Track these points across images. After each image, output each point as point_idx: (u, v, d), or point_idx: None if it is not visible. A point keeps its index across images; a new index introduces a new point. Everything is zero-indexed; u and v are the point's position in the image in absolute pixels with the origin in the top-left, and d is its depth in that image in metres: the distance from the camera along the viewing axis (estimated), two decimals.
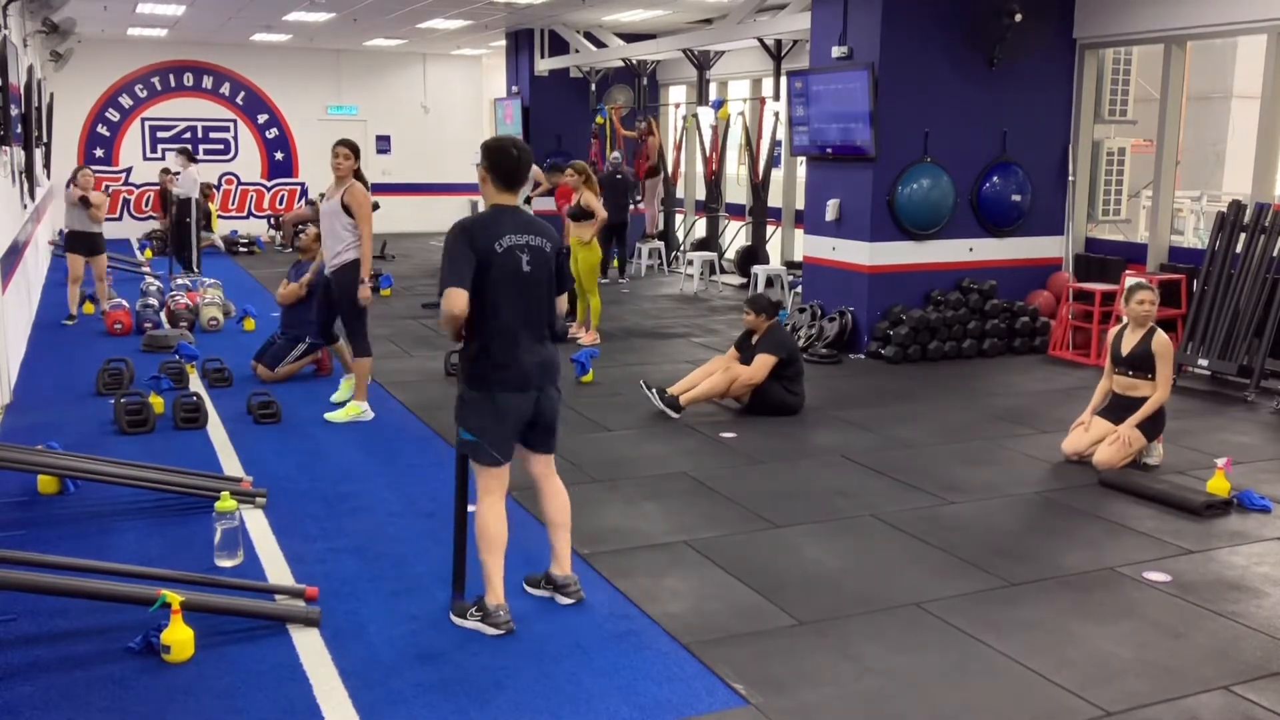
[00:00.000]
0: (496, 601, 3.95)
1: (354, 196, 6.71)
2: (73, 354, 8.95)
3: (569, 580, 4.24)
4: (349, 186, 6.75)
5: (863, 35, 9.08)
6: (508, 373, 3.94)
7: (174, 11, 14.07)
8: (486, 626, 3.94)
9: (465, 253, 3.84)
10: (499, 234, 3.90)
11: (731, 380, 7.12)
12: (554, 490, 4.29)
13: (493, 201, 4.03)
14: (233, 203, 19.29)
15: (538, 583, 4.32)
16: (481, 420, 3.95)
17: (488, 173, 4.01)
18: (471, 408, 3.97)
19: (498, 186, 4.02)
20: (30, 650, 3.78)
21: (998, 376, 8.58)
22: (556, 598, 4.24)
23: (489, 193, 4.05)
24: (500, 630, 3.91)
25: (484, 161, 4.00)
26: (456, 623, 3.99)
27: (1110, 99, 10.13)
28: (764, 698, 3.50)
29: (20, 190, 10.25)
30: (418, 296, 12.26)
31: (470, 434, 3.96)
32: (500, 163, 4.00)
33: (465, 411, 3.98)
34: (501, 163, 4.00)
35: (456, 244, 3.86)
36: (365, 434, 6.68)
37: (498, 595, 3.95)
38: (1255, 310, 8.00)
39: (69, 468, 5.19)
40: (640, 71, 15.41)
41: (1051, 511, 5.43)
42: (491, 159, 4.00)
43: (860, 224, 9.28)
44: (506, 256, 3.89)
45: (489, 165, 4.00)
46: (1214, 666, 3.77)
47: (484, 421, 3.95)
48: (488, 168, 4.00)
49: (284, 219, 17.88)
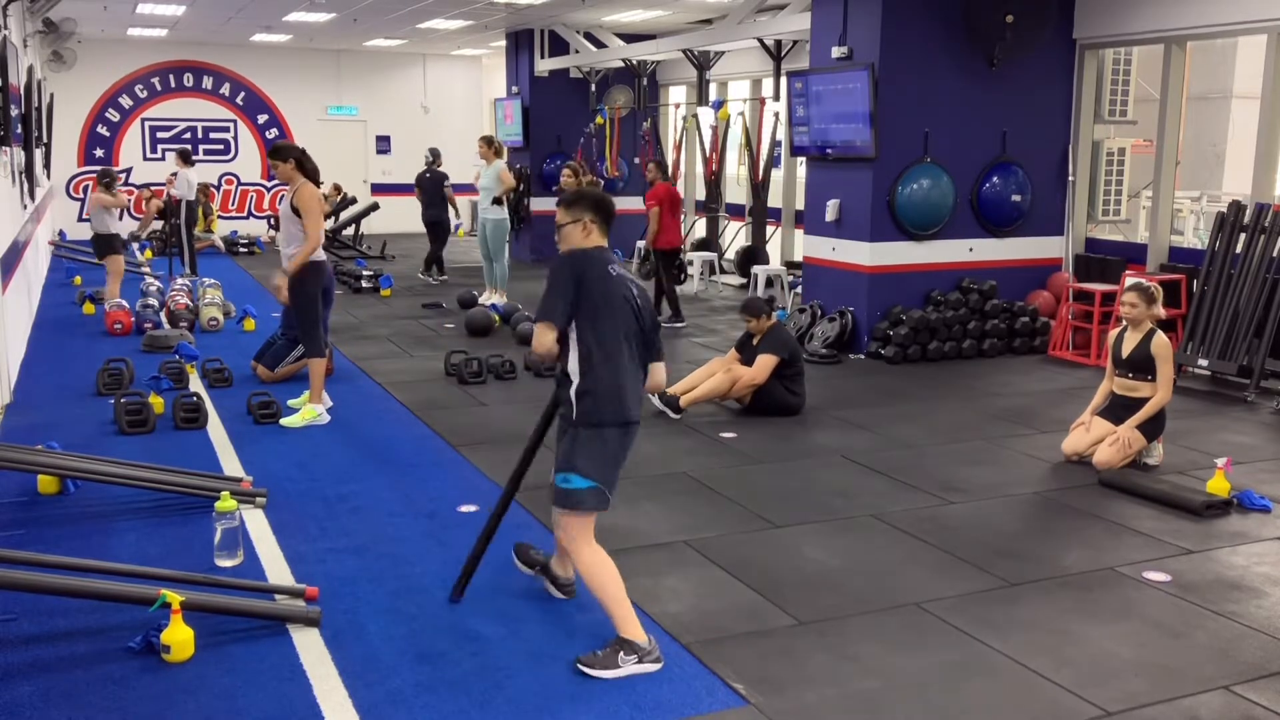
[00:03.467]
0: (644, 636, 3.70)
1: (300, 198, 6.67)
2: (73, 354, 8.95)
3: (571, 581, 4.24)
4: (298, 188, 6.73)
5: (863, 35, 9.09)
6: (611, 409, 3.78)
7: (174, 11, 14.08)
8: (650, 667, 3.64)
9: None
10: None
11: (733, 381, 7.12)
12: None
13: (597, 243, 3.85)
14: (233, 203, 19.31)
15: (534, 564, 4.28)
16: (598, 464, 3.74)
17: (594, 223, 3.80)
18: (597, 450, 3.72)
19: (604, 233, 3.86)
20: (30, 650, 3.78)
21: (998, 376, 8.58)
22: (549, 588, 4.24)
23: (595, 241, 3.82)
24: (661, 663, 3.67)
25: (587, 214, 3.79)
26: (602, 675, 3.59)
27: (1110, 99, 10.14)
28: (764, 698, 3.50)
29: (20, 190, 10.25)
30: (418, 296, 12.26)
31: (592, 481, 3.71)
32: (605, 207, 3.86)
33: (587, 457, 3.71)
34: (605, 207, 3.87)
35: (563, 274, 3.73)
36: (365, 434, 6.68)
37: (640, 630, 3.71)
38: (1255, 310, 8.00)
39: (69, 468, 5.19)
40: (640, 72, 15.42)
41: (1051, 511, 5.43)
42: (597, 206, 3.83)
43: (860, 224, 9.29)
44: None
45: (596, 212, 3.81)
46: (1214, 666, 3.77)
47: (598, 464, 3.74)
48: (594, 218, 3.81)
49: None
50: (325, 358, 6.94)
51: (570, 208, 3.84)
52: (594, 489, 3.71)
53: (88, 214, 10.47)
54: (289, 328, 8.07)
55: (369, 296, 12.45)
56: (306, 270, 6.71)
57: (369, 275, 12.91)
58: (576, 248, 3.82)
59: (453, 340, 9.64)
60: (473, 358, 8.16)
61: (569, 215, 3.84)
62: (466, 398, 7.61)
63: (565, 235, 3.85)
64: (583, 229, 3.82)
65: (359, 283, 12.81)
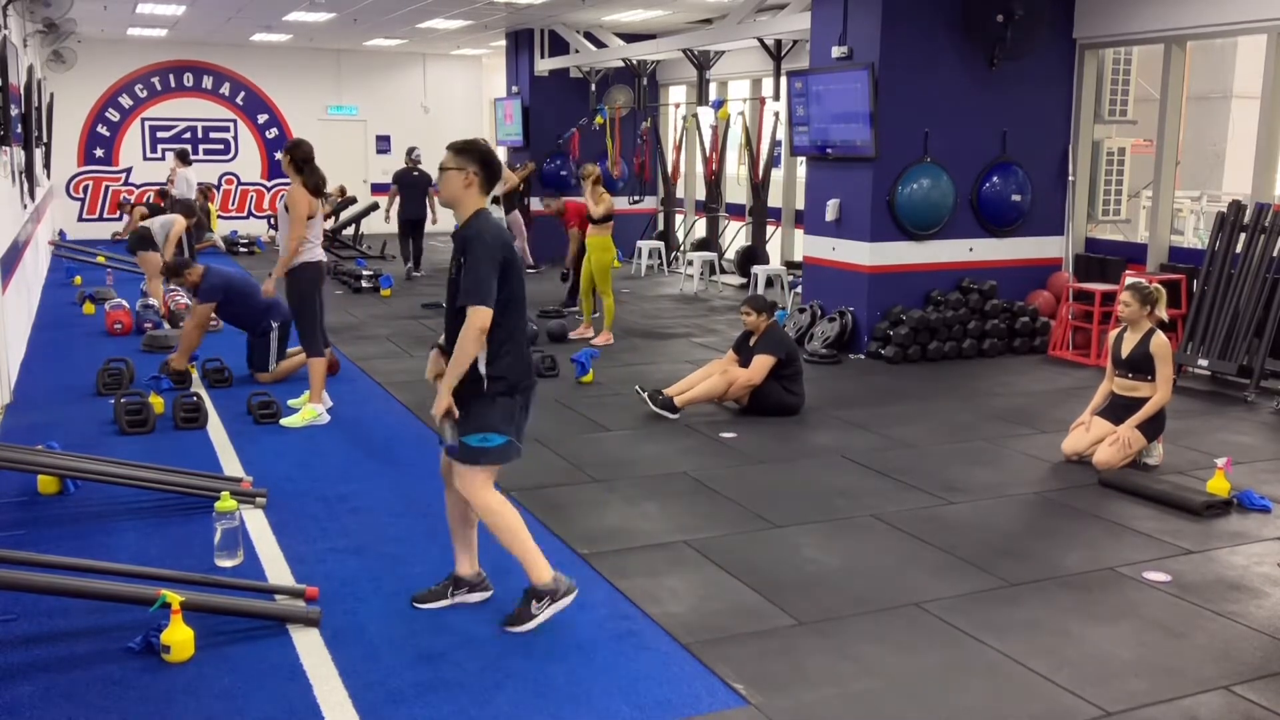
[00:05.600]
0: (551, 574, 3.95)
1: (290, 197, 6.68)
2: (73, 354, 8.95)
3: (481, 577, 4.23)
4: (290, 188, 6.73)
5: (863, 35, 9.09)
6: (530, 375, 3.97)
7: (174, 11, 14.08)
8: (564, 602, 3.95)
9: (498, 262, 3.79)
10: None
11: (730, 383, 7.12)
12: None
13: (477, 206, 3.91)
14: (233, 203, 19.31)
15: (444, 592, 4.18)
16: (513, 421, 3.91)
17: (477, 176, 3.88)
18: (508, 413, 3.88)
19: (484, 190, 3.93)
20: (30, 650, 3.78)
21: (998, 376, 8.58)
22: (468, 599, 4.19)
23: (474, 197, 3.90)
24: (574, 593, 3.96)
25: (472, 165, 3.87)
26: (524, 629, 3.91)
27: (1110, 99, 10.14)
28: (764, 698, 3.50)
29: (20, 190, 10.25)
30: (417, 296, 12.26)
31: (503, 436, 3.88)
32: (492, 164, 3.94)
33: (495, 416, 3.86)
34: (492, 165, 3.94)
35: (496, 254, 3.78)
36: (365, 434, 6.68)
37: (548, 569, 3.96)
38: (1255, 310, 8.00)
39: (69, 468, 5.19)
40: (640, 71, 15.42)
41: (1051, 511, 5.43)
42: (484, 161, 3.91)
43: (860, 224, 9.29)
44: (517, 259, 3.91)
45: (482, 167, 3.89)
46: (1214, 666, 3.77)
47: (515, 421, 3.92)
48: (479, 171, 3.89)
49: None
50: (325, 357, 6.94)
51: (458, 154, 3.90)
52: (509, 443, 3.90)
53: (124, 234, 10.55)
54: (250, 328, 8.03)
55: (369, 296, 12.45)
56: (303, 270, 6.70)
57: (369, 275, 12.91)
58: (460, 201, 3.88)
59: None
60: None
61: (455, 161, 3.89)
62: None
63: (447, 180, 3.89)
64: (465, 179, 3.87)
65: (359, 283, 12.80)
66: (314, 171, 6.73)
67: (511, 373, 3.87)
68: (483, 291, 3.74)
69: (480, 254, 3.76)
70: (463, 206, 3.90)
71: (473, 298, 3.74)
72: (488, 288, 3.74)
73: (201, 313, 7.84)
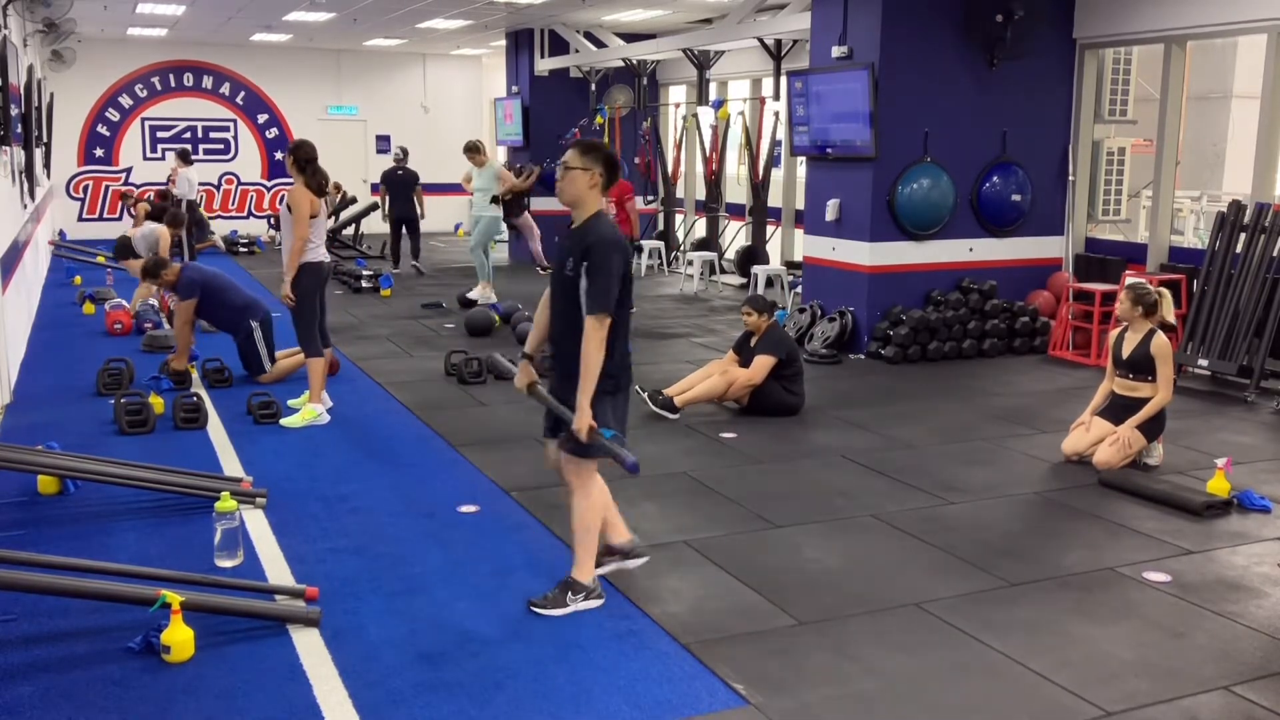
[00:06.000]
0: (593, 578, 4.17)
1: (291, 196, 6.67)
2: (73, 354, 8.95)
3: (632, 543, 4.43)
4: (291, 188, 6.73)
5: (863, 35, 9.09)
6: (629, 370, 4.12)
7: (174, 11, 14.08)
8: (594, 603, 4.12)
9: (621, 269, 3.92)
10: None
11: (729, 383, 7.12)
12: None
13: (597, 206, 3.99)
14: (233, 203, 19.31)
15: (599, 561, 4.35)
16: (621, 417, 4.06)
17: (601, 177, 3.94)
18: (612, 410, 4.01)
19: (604, 192, 4.00)
20: (30, 650, 3.78)
21: (998, 376, 8.58)
22: (624, 566, 4.40)
23: (596, 197, 3.97)
24: (603, 599, 4.16)
25: (598, 166, 3.92)
26: (554, 614, 4.05)
27: (1110, 99, 10.14)
28: (764, 698, 3.50)
29: (20, 190, 10.25)
30: (418, 296, 12.26)
31: (612, 430, 3.98)
32: (615, 166, 4.00)
33: (606, 411, 3.97)
34: (615, 166, 4.01)
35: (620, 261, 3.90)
36: (365, 434, 6.68)
37: (593, 573, 4.18)
38: (1255, 310, 8.00)
39: (69, 468, 5.19)
40: (640, 71, 15.41)
41: (1051, 511, 5.43)
42: (608, 162, 3.96)
43: (860, 224, 9.29)
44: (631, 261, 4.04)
45: (606, 168, 3.94)
46: (1214, 666, 3.77)
47: (620, 414, 4.07)
48: (604, 172, 3.94)
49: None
50: (324, 357, 6.94)
51: (585, 154, 3.94)
52: (617, 436, 4.01)
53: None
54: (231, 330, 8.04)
55: (369, 296, 12.45)
56: (304, 270, 6.70)
57: (369, 275, 12.90)
58: (582, 200, 3.94)
59: (453, 340, 9.64)
60: (473, 358, 8.16)
61: (581, 162, 3.93)
62: (466, 398, 7.61)
63: (572, 180, 3.94)
64: (590, 179, 3.93)
65: (359, 283, 12.80)
66: (317, 171, 6.73)
67: (619, 370, 4.01)
68: (609, 301, 3.85)
69: (608, 261, 3.85)
70: (585, 206, 3.97)
71: (599, 307, 3.84)
72: (612, 297, 3.86)
73: (185, 309, 7.86)
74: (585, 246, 3.87)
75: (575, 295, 3.90)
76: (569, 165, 3.93)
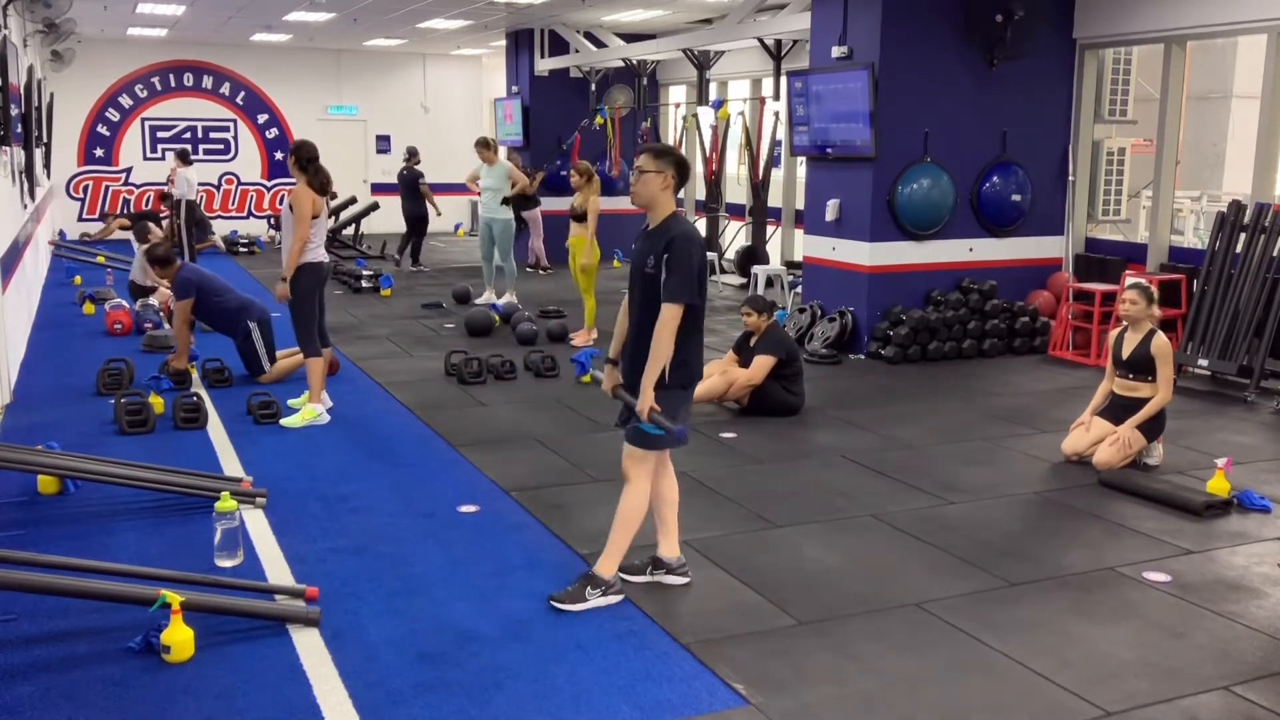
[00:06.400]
0: (616, 572, 4.22)
1: (294, 196, 6.68)
2: (73, 354, 8.95)
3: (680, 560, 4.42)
4: (293, 188, 6.73)
5: (863, 35, 9.09)
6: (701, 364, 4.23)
7: (174, 11, 14.08)
8: (612, 599, 4.16)
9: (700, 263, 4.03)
10: None
11: (730, 383, 7.12)
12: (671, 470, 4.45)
13: (671, 206, 4.11)
14: (233, 203, 19.31)
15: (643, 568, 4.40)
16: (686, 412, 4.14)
17: (674, 179, 4.07)
18: (683, 404, 4.12)
19: (676, 192, 4.13)
20: (30, 650, 3.78)
21: (998, 376, 8.58)
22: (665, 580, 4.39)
23: (669, 198, 4.10)
24: (622, 596, 4.19)
25: (670, 168, 4.05)
26: (574, 609, 4.08)
27: (1110, 99, 10.13)
28: (764, 698, 3.50)
29: (20, 190, 10.25)
30: (418, 296, 12.26)
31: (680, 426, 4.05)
32: (685, 168, 4.12)
33: (672, 406, 4.05)
34: (685, 168, 4.13)
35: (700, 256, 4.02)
36: (365, 434, 6.68)
37: (616, 568, 4.23)
38: (1255, 310, 8.00)
39: (69, 468, 5.19)
40: (640, 71, 15.41)
41: (1051, 511, 5.43)
42: (679, 164, 4.09)
43: (860, 224, 9.29)
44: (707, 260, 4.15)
45: (677, 170, 4.07)
46: (1214, 666, 3.77)
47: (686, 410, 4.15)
48: (675, 174, 4.07)
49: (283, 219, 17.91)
50: (323, 357, 6.94)
51: (658, 158, 4.08)
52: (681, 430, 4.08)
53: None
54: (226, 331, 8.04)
55: (369, 296, 12.45)
56: (303, 270, 6.70)
57: (369, 275, 12.91)
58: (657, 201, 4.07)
59: (453, 340, 9.64)
60: (473, 358, 8.16)
61: (655, 164, 4.06)
62: (466, 398, 7.61)
63: (646, 182, 4.06)
64: (663, 181, 4.05)
65: (359, 283, 12.80)
66: (318, 171, 6.73)
67: (693, 366, 4.12)
68: (689, 290, 3.95)
69: (688, 254, 3.96)
70: (660, 207, 4.09)
71: (679, 296, 3.94)
72: (692, 287, 3.96)
73: (182, 309, 7.87)
74: (666, 241, 3.99)
75: (656, 292, 3.99)
76: (643, 169, 4.06)
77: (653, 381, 3.97)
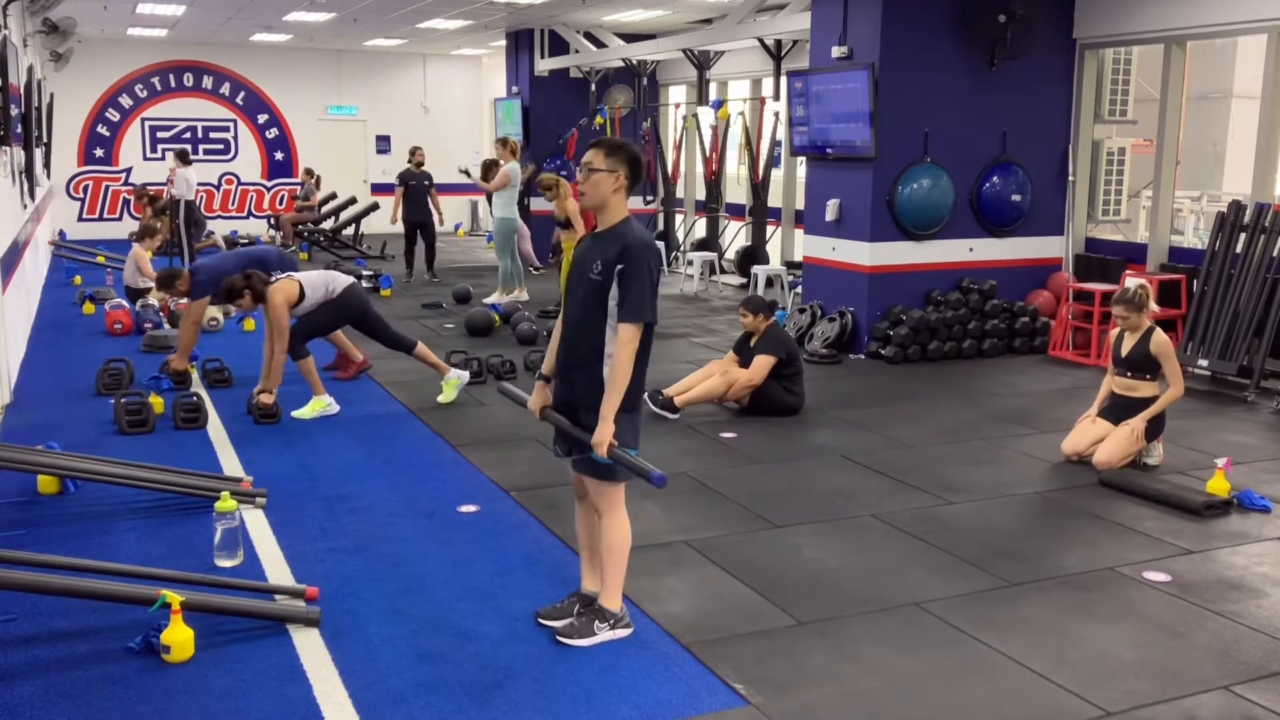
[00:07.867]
0: (622, 604, 3.94)
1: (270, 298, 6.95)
2: (73, 354, 8.95)
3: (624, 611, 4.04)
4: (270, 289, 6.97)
5: (863, 35, 9.09)
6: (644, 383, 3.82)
7: (174, 11, 14.08)
8: (622, 632, 3.90)
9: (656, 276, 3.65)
10: None
11: (730, 383, 7.12)
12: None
13: (624, 210, 3.69)
14: (233, 203, 19.31)
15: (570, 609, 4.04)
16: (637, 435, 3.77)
17: (627, 179, 3.65)
18: (635, 428, 3.75)
19: (629, 193, 3.71)
20: (30, 650, 3.78)
21: (998, 376, 8.58)
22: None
23: (622, 201, 3.67)
24: (631, 629, 3.93)
25: (623, 167, 3.64)
26: (583, 644, 3.82)
27: (1110, 99, 10.13)
28: (764, 698, 3.50)
29: (20, 190, 10.25)
30: (418, 297, 12.26)
31: (636, 449, 3.70)
32: (639, 165, 3.70)
33: (629, 430, 3.70)
34: (640, 165, 3.71)
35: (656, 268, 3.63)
36: (365, 434, 6.68)
37: (620, 601, 3.93)
38: (1255, 310, 8.00)
39: (69, 468, 5.19)
40: (640, 71, 15.42)
41: (1051, 511, 5.43)
42: (633, 161, 3.66)
43: (860, 224, 9.28)
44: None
45: (631, 169, 3.65)
46: (1214, 666, 3.77)
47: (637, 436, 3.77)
48: (629, 173, 3.65)
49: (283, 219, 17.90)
50: (307, 357, 7.05)
51: (610, 155, 3.65)
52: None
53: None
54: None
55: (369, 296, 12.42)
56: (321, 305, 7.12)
57: (369, 275, 12.89)
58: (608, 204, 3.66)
59: (453, 340, 9.64)
60: (473, 358, 8.16)
61: (606, 163, 3.64)
62: (466, 398, 7.61)
63: (596, 183, 3.64)
64: (615, 181, 3.64)
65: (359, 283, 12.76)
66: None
67: (641, 386, 3.74)
68: (648, 309, 3.58)
69: (645, 266, 3.58)
70: (611, 210, 3.67)
71: (639, 314, 3.57)
72: (652, 304, 3.59)
73: (197, 309, 7.81)
74: (619, 250, 3.58)
75: (597, 298, 3.62)
76: (593, 167, 3.63)
77: (614, 411, 3.58)
